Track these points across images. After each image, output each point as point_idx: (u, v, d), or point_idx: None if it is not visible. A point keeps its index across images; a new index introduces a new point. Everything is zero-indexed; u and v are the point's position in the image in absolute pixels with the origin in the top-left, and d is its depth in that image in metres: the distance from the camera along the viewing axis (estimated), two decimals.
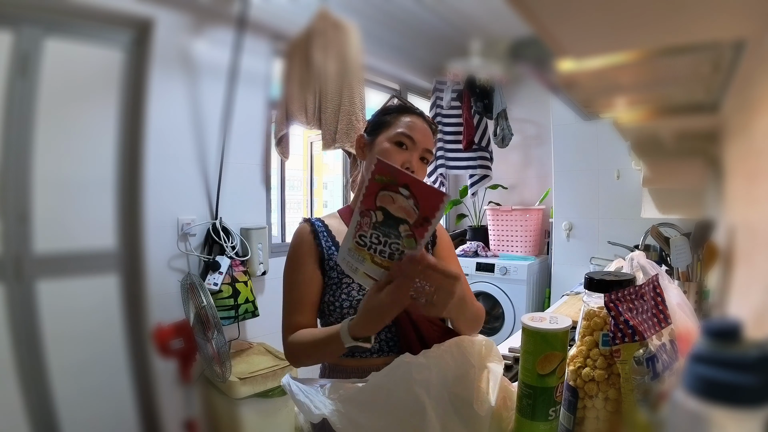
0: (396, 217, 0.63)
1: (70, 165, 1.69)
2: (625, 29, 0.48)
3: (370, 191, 0.64)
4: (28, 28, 1.55)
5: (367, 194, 0.65)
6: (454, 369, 0.68)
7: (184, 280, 1.85)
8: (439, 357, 0.68)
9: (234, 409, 1.81)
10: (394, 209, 0.63)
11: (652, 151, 1.30)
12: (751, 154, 0.67)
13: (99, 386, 1.72)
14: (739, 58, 0.59)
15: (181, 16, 1.85)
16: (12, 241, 1.55)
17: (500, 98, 2.82)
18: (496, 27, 1.66)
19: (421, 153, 0.92)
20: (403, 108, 0.97)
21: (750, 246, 0.69)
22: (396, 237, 0.64)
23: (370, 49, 2.48)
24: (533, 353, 0.62)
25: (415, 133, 0.92)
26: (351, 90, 2.11)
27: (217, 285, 1.87)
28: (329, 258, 0.92)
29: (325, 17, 1.96)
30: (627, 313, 0.58)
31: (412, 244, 0.63)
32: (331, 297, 0.90)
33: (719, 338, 0.32)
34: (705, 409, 0.31)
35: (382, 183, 0.63)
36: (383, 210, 0.64)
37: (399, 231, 0.63)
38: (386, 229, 0.64)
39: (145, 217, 1.80)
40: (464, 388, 0.67)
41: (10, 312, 1.54)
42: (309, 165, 2.62)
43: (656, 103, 0.88)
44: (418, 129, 0.92)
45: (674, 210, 1.66)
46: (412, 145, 0.91)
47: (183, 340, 1.74)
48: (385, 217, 0.64)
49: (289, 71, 2.10)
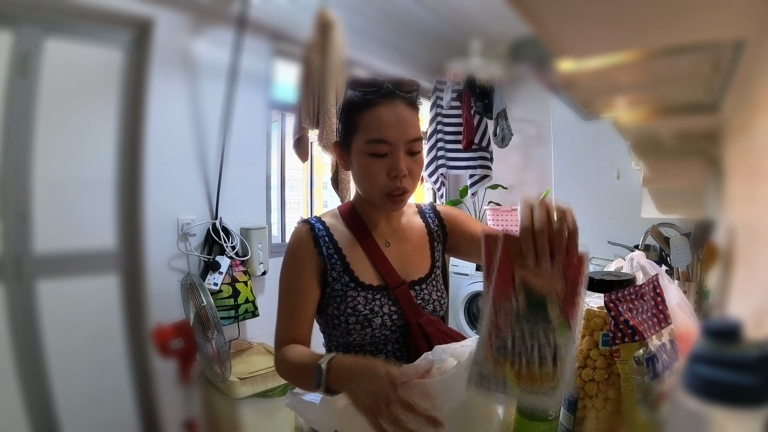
0: (541, 296, 0.48)
1: (70, 165, 1.69)
2: (625, 29, 0.48)
3: (503, 272, 0.49)
4: (28, 28, 1.55)
5: (499, 276, 0.49)
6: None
7: (184, 280, 1.84)
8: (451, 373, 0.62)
9: (234, 409, 1.81)
10: (538, 285, 0.48)
11: (652, 151, 1.29)
12: (751, 153, 0.67)
13: (99, 386, 1.72)
14: (739, 58, 0.59)
15: (181, 16, 1.85)
16: (12, 241, 1.55)
17: (500, 98, 2.82)
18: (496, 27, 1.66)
19: (406, 148, 0.79)
20: (366, 101, 0.79)
21: (750, 246, 0.69)
22: (545, 330, 0.48)
23: (370, 49, 2.48)
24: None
25: (388, 132, 0.77)
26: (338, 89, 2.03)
27: (217, 285, 1.86)
28: (331, 268, 0.83)
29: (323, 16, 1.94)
30: (627, 313, 0.58)
31: (566, 332, 0.48)
32: (336, 311, 0.82)
33: (719, 338, 0.32)
34: (705, 409, 0.31)
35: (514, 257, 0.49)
36: (526, 291, 0.48)
37: (549, 316, 0.48)
38: (532, 317, 0.49)
39: (145, 217, 1.80)
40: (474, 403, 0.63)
41: (10, 312, 1.54)
42: (309, 165, 2.61)
43: (656, 103, 0.88)
44: (391, 125, 0.77)
45: (674, 210, 1.66)
46: (390, 147, 0.77)
47: (183, 340, 1.74)
48: (529, 301, 0.49)
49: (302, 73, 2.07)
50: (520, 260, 0.49)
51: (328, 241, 0.85)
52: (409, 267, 0.88)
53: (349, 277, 0.83)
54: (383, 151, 0.78)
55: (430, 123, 3.08)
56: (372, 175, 0.79)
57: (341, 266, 0.84)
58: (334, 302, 0.83)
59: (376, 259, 0.85)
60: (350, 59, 2.51)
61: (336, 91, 2.02)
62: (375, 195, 0.81)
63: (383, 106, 0.78)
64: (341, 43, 1.91)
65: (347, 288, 0.83)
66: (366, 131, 0.79)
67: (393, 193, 0.80)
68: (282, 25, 2.14)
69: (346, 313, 0.82)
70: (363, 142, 0.79)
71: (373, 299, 0.82)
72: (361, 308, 0.81)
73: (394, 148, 0.78)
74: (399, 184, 0.79)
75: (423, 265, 0.90)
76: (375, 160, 0.78)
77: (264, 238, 2.12)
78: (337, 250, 0.85)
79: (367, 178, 0.80)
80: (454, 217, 0.95)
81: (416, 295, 0.86)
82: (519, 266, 0.49)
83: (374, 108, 0.78)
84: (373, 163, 0.79)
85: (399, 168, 0.78)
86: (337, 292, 0.83)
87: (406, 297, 0.84)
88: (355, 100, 0.81)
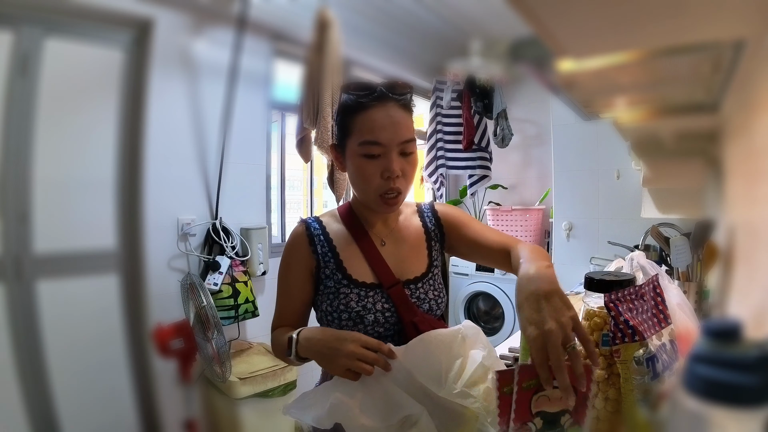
0: (555, 413, 0.56)
1: (70, 165, 1.69)
2: (625, 29, 0.48)
3: (522, 401, 0.55)
4: (28, 28, 1.55)
5: (518, 407, 0.55)
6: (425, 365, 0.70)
7: (184, 280, 1.85)
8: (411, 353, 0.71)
9: (234, 409, 1.81)
10: (552, 407, 0.55)
11: (652, 151, 1.29)
12: (751, 154, 0.67)
13: (99, 386, 1.72)
14: (739, 58, 0.59)
15: (181, 16, 1.85)
16: (12, 241, 1.55)
17: (500, 98, 2.82)
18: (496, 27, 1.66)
19: (398, 150, 0.80)
20: (359, 105, 0.81)
21: (750, 246, 0.69)
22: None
23: (370, 49, 2.48)
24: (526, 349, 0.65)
25: (381, 134, 0.79)
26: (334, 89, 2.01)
27: (217, 285, 1.86)
28: (324, 266, 0.87)
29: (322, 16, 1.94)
30: (627, 313, 0.58)
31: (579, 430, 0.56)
32: (329, 307, 0.86)
33: (719, 338, 0.32)
34: (705, 409, 0.31)
35: (531, 387, 0.55)
36: (541, 414, 0.55)
37: (562, 425, 0.56)
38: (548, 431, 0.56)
39: (145, 217, 1.80)
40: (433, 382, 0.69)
41: (10, 312, 1.54)
42: (309, 165, 2.61)
43: (656, 103, 0.88)
44: (383, 127, 0.79)
45: (674, 210, 1.66)
46: (383, 148, 0.79)
47: (183, 340, 1.74)
48: (544, 422, 0.56)
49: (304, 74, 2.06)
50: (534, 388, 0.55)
51: (323, 240, 0.88)
52: (405, 266, 0.89)
53: (342, 275, 0.86)
54: (376, 152, 0.80)
55: (430, 123, 3.08)
56: (365, 176, 0.81)
57: (334, 264, 0.87)
58: (327, 299, 0.86)
59: (371, 257, 0.87)
60: (350, 59, 2.52)
61: (332, 91, 2.00)
62: (370, 196, 0.84)
63: (375, 108, 0.80)
64: (338, 43, 1.91)
65: (340, 285, 0.85)
66: (359, 133, 0.81)
67: (387, 194, 0.82)
68: (282, 25, 2.14)
69: (339, 309, 0.84)
70: (356, 144, 0.81)
71: (366, 296, 0.84)
72: (353, 305, 0.84)
73: (386, 149, 0.80)
74: (392, 185, 0.81)
75: (419, 264, 0.91)
76: (368, 161, 0.80)
77: (264, 238, 2.12)
78: (331, 248, 0.88)
79: (361, 180, 0.83)
80: (453, 218, 0.96)
81: (411, 294, 0.87)
82: (534, 395, 0.55)
83: (367, 111, 0.80)
84: (367, 165, 0.81)
85: (392, 169, 0.79)
86: (330, 289, 0.86)
87: (400, 295, 0.85)
88: (348, 103, 0.83)
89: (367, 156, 0.80)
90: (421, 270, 0.91)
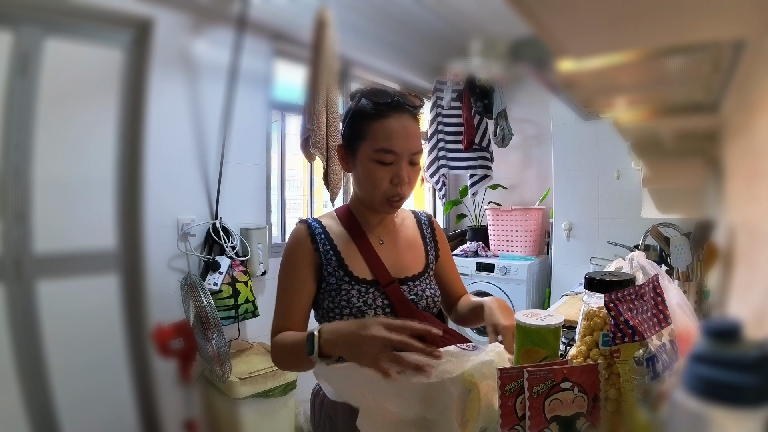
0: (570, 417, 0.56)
1: (70, 165, 1.68)
2: (625, 29, 0.48)
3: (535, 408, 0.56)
4: (28, 28, 1.55)
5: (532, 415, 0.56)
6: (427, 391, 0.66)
7: (184, 280, 1.85)
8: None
9: (234, 409, 1.81)
10: (566, 410, 0.56)
11: (652, 151, 1.29)
12: (751, 154, 0.67)
13: (99, 386, 1.72)
14: (739, 58, 0.59)
15: (181, 16, 1.85)
16: (12, 241, 1.55)
17: (500, 98, 2.82)
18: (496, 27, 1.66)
19: (408, 159, 0.86)
20: (377, 112, 0.85)
21: (750, 246, 0.69)
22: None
23: (370, 49, 2.48)
24: (518, 346, 0.66)
25: (397, 144, 0.84)
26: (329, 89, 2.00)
27: (217, 285, 1.86)
28: (327, 263, 0.89)
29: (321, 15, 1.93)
30: (627, 313, 0.58)
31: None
32: (331, 303, 0.87)
33: (719, 338, 0.32)
34: (705, 409, 0.31)
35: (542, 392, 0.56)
36: (557, 419, 0.56)
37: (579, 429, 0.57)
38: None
39: (145, 217, 1.80)
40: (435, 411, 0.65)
41: (10, 312, 1.54)
42: (309, 165, 2.61)
43: (656, 103, 0.88)
44: (399, 137, 0.84)
45: (674, 210, 1.66)
46: (396, 157, 0.84)
47: (183, 340, 1.74)
48: (560, 427, 0.56)
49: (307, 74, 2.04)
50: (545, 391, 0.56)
51: (324, 239, 0.91)
52: (402, 264, 0.93)
53: (344, 272, 0.89)
54: (389, 160, 0.84)
55: (430, 123, 3.08)
56: (375, 180, 0.85)
57: (336, 262, 0.89)
58: (329, 296, 0.88)
59: (369, 256, 0.91)
60: (350, 59, 2.52)
61: (327, 90, 2.00)
62: (376, 198, 0.88)
63: (393, 118, 0.85)
64: (333, 43, 1.90)
65: (341, 282, 0.88)
66: (375, 140, 0.84)
67: (393, 198, 0.87)
68: (282, 25, 2.14)
69: (341, 305, 0.87)
70: (371, 149, 0.85)
71: (366, 292, 0.87)
72: (354, 300, 0.86)
73: (399, 158, 0.85)
74: (399, 191, 0.86)
75: (416, 263, 0.96)
76: (380, 167, 0.85)
77: (264, 238, 2.12)
78: (332, 247, 0.91)
79: (370, 183, 0.87)
80: (443, 241, 1.04)
81: (409, 291, 0.91)
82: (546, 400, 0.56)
83: (385, 119, 0.85)
84: (378, 170, 0.85)
85: (402, 177, 0.85)
86: (332, 286, 0.88)
87: (396, 293, 0.89)
88: (365, 109, 0.87)
89: (379, 162, 0.85)
90: (419, 268, 0.95)
